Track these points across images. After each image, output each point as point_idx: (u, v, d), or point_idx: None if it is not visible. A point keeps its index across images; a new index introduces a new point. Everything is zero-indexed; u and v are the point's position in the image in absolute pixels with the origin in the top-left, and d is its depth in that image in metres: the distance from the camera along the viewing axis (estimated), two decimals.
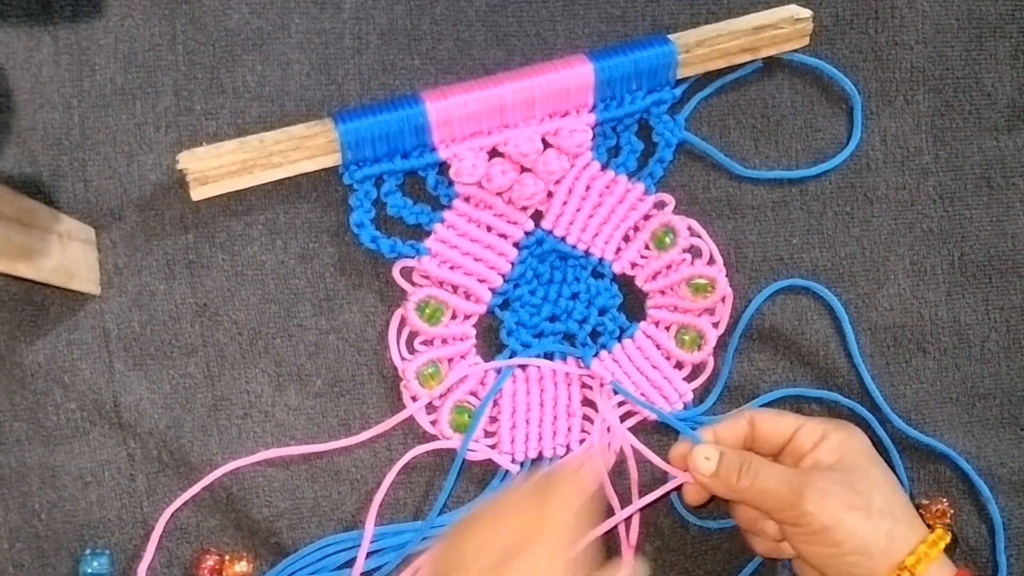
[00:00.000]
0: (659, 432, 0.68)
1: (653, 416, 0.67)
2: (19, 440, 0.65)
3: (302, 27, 0.66)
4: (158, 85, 0.66)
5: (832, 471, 0.60)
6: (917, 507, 0.68)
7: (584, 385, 0.68)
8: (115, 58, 0.65)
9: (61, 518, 0.65)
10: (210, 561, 0.65)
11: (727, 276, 0.68)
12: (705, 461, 0.62)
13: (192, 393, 0.66)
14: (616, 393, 0.67)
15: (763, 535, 0.64)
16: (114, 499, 0.66)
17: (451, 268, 0.67)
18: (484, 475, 0.68)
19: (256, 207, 0.65)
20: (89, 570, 0.65)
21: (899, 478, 0.68)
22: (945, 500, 0.68)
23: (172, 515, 0.66)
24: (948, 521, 0.68)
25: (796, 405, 0.69)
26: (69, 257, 0.62)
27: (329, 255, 0.67)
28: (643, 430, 0.68)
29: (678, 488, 0.65)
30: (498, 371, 0.67)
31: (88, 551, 0.65)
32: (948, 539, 0.60)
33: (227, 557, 0.66)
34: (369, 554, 0.66)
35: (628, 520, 0.66)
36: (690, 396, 0.68)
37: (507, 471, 0.67)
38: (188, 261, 0.66)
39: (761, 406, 0.68)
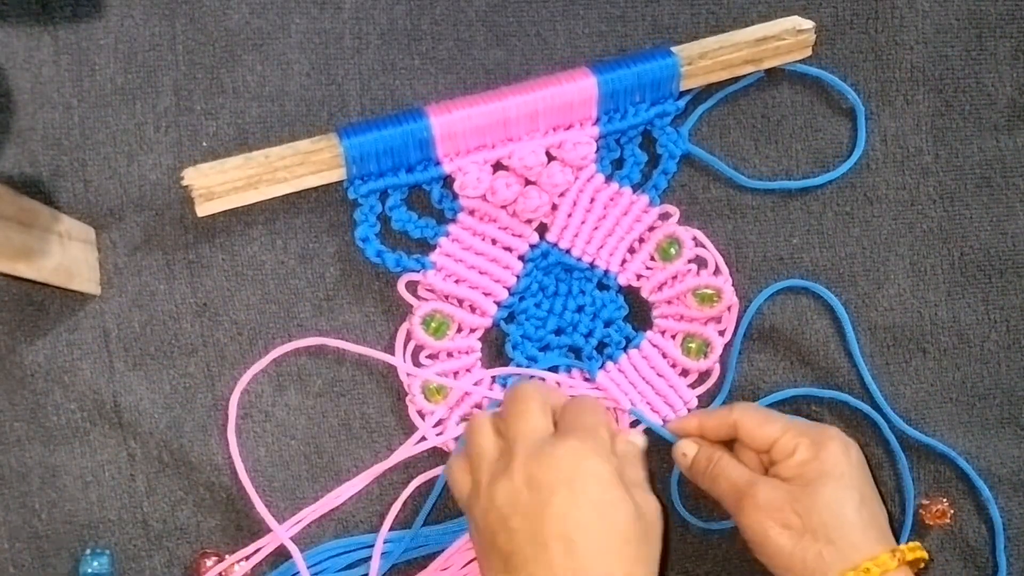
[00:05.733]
0: (661, 443, 0.68)
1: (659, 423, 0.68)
2: (19, 440, 0.65)
3: (302, 27, 0.66)
4: (158, 85, 0.66)
5: (782, 487, 0.61)
6: (917, 507, 0.69)
7: None
8: (115, 58, 0.65)
9: (61, 518, 0.65)
10: (210, 562, 0.65)
11: (728, 272, 0.68)
12: (682, 457, 0.66)
13: (192, 393, 0.66)
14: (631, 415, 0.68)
15: None
16: (114, 499, 0.66)
17: (456, 282, 0.67)
18: None
19: (256, 207, 0.65)
20: (89, 570, 0.65)
21: (901, 478, 0.68)
22: (945, 500, 0.68)
23: (172, 515, 0.66)
24: (948, 521, 0.68)
25: (803, 405, 0.69)
26: (69, 257, 0.62)
27: (329, 255, 0.67)
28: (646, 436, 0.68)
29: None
30: (504, 384, 0.67)
31: (88, 551, 0.65)
32: (896, 565, 0.58)
33: (227, 557, 0.66)
34: (360, 562, 0.66)
35: None
36: (695, 403, 0.68)
37: None
38: (188, 261, 0.66)
39: (769, 405, 0.68)
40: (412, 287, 0.67)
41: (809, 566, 0.58)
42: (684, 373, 0.68)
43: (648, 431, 0.67)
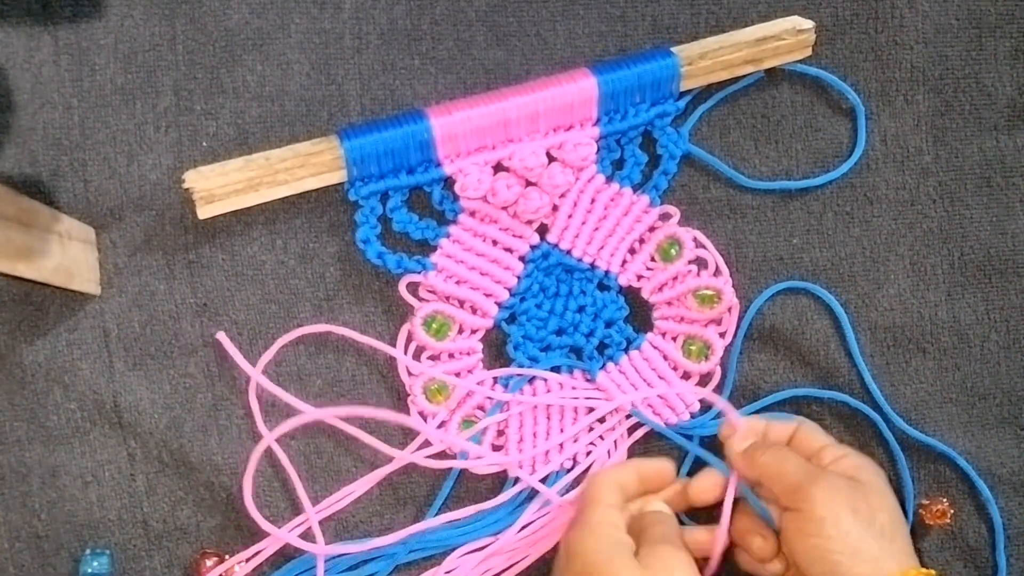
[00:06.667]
0: (662, 442, 0.69)
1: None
2: (19, 440, 0.65)
3: (302, 27, 0.66)
4: (158, 85, 0.66)
5: (851, 480, 0.62)
6: (917, 507, 0.69)
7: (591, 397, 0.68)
8: (115, 58, 0.65)
9: (61, 518, 0.65)
10: (210, 562, 0.65)
11: (728, 273, 0.68)
12: (741, 441, 0.65)
13: (192, 393, 0.66)
14: (630, 416, 0.68)
15: (749, 550, 0.64)
16: (114, 499, 0.66)
17: (457, 283, 0.67)
18: (493, 486, 0.68)
19: (257, 207, 0.65)
20: (89, 570, 0.65)
21: (901, 478, 0.69)
22: (945, 500, 0.68)
23: (172, 515, 0.66)
24: (948, 521, 0.68)
25: (803, 406, 0.69)
26: (69, 257, 0.62)
27: (329, 255, 0.67)
28: (647, 440, 0.68)
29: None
30: (505, 385, 0.67)
31: (88, 551, 0.65)
32: None
33: (227, 557, 0.66)
34: (364, 562, 0.66)
35: None
36: (697, 406, 0.68)
37: (516, 479, 0.67)
38: (188, 261, 0.66)
39: (769, 406, 0.69)
40: (413, 288, 0.67)
41: (873, 555, 0.59)
42: (685, 376, 0.68)
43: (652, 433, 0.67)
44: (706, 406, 0.69)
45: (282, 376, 0.67)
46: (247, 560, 0.65)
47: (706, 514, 0.66)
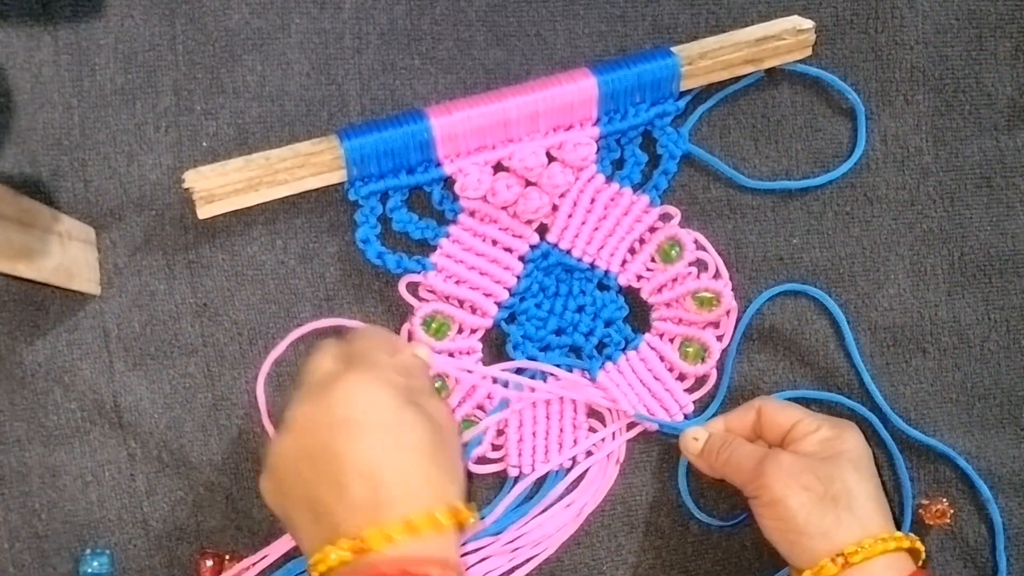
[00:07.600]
0: (661, 443, 0.69)
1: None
2: (19, 440, 0.65)
3: (302, 27, 0.66)
4: (158, 85, 0.66)
5: (805, 456, 0.62)
6: (917, 507, 0.69)
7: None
8: (115, 58, 0.65)
9: (61, 518, 0.65)
10: (210, 562, 0.65)
11: (728, 276, 0.68)
12: (693, 441, 0.66)
13: (192, 393, 0.66)
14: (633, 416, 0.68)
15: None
16: (114, 499, 0.66)
17: (457, 282, 0.67)
18: (494, 484, 0.68)
19: (256, 207, 0.65)
20: (89, 570, 0.65)
21: (899, 478, 0.68)
22: (945, 500, 0.68)
23: (172, 515, 0.66)
24: (948, 521, 0.68)
25: (802, 406, 0.69)
26: (69, 257, 0.62)
27: (329, 255, 0.67)
28: (646, 439, 0.69)
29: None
30: (504, 383, 0.67)
31: (88, 551, 0.65)
32: (909, 545, 0.60)
33: (227, 557, 0.66)
34: None
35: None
36: (691, 408, 0.68)
37: (516, 480, 0.67)
38: (188, 261, 0.66)
39: None
40: (413, 288, 0.67)
41: (824, 529, 0.59)
42: (681, 377, 0.68)
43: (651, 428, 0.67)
44: (700, 406, 0.69)
45: (282, 376, 0.67)
46: (253, 564, 0.65)
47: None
